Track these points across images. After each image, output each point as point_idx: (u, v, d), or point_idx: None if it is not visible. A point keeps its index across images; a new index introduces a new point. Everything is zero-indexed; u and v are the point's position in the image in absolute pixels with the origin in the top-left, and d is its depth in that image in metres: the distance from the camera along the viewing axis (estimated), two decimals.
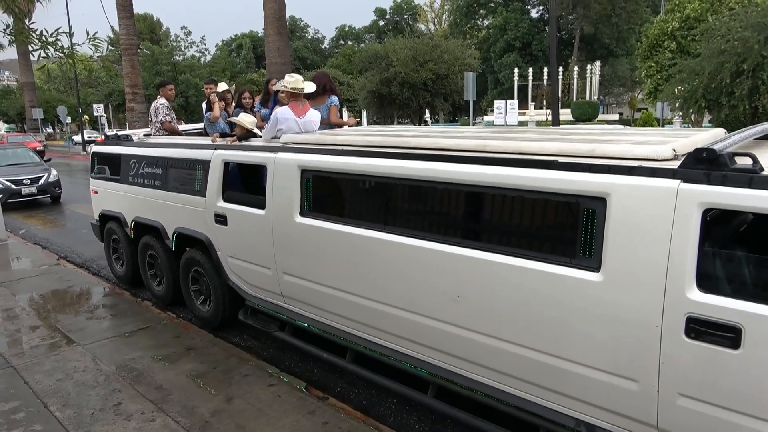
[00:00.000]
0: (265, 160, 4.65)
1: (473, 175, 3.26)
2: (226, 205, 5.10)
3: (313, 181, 4.28)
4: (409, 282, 3.61)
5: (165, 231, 6.01)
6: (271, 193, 4.57)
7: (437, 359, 3.63)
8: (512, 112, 25.77)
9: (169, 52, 42.95)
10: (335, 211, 4.19)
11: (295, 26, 65.62)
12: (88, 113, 44.64)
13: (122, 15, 18.72)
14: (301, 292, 4.53)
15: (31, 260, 8.75)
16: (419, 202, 3.66)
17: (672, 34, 27.38)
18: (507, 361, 3.23)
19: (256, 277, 4.95)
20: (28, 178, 14.37)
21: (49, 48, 4.59)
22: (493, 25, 52.00)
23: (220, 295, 5.51)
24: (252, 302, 5.16)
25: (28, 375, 4.70)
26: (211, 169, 5.23)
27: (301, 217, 4.33)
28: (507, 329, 3.18)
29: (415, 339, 3.71)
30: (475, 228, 3.40)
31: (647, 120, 28.33)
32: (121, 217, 6.81)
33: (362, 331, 4.11)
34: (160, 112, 7.08)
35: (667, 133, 3.73)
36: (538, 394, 3.16)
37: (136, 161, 6.39)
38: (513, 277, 3.09)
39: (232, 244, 5.12)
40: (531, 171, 3.02)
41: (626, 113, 50.49)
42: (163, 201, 5.94)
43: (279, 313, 4.88)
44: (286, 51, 18.20)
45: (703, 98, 15.63)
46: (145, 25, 59.45)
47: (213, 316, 5.70)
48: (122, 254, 7.28)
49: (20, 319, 6.11)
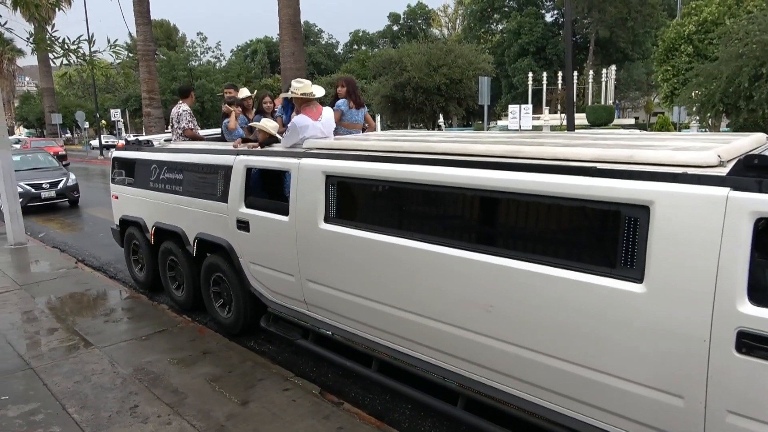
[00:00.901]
0: (289, 165, 4.60)
1: (506, 181, 3.16)
2: (248, 211, 5.04)
3: (338, 187, 4.20)
4: (438, 291, 3.53)
5: (186, 236, 5.97)
6: (294, 200, 4.50)
7: (467, 370, 3.54)
8: (526, 117, 25.69)
9: (185, 57, 43.36)
10: (361, 217, 4.11)
11: (309, 31, 66.03)
12: (106, 118, 45.27)
13: (140, 22, 18.98)
14: (325, 300, 4.46)
15: (49, 263, 8.87)
16: (449, 209, 3.58)
17: (689, 38, 27.11)
18: (542, 374, 3.13)
19: (279, 284, 4.90)
20: (47, 182, 14.59)
21: (70, 55, 4.66)
22: (507, 30, 51.92)
23: (242, 302, 5.45)
24: (274, 309, 5.09)
25: (47, 377, 4.76)
26: (233, 175, 5.17)
27: (325, 223, 4.26)
28: (543, 341, 3.07)
29: (444, 349, 3.62)
30: (509, 236, 3.29)
31: (663, 124, 28.05)
32: (142, 222, 6.80)
33: (388, 340, 4.03)
34: (183, 118, 7.04)
35: (705, 138, 3.62)
36: (576, 408, 3.05)
37: (157, 166, 6.38)
38: (549, 287, 2.99)
39: (255, 251, 5.06)
40: (568, 178, 2.92)
41: (642, 117, 50.06)
42: (184, 206, 5.92)
43: (302, 320, 4.81)
44: (300, 56, 18.30)
45: (721, 102, 15.46)
46: (161, 31, 60.22)
47: (234, 323, 5.63)
48: (142, 259, 7.25)
49: (39, 321, 6.19)
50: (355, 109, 6.02)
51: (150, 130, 22.82)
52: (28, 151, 19.17)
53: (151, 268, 7.00)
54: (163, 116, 28.09)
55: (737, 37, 15.55)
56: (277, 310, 5.06)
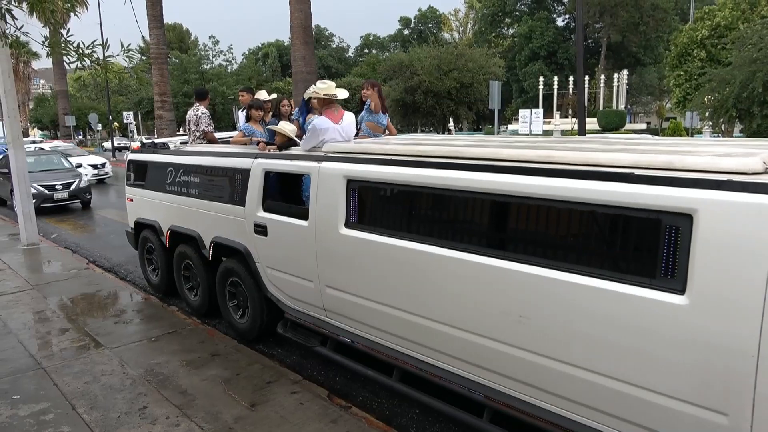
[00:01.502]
0: (309, 169, 4.51)
1: (538, 187, 3.05)
2: (266, 215, 4.95)
3: (360, 192, 4.10)
4: (466, 300, 3.41)
5: (202, 240, 5.89)
6: (314, 204, 4.41)
7: (495, 382, 3.41)
8: (537, 121, 25.62)
9: (197, 61, 43.80)
10: (384, 223, 3.97)
11: (320, 35, 66.31)
12: (118, 120, 45.71)
13: (153, 25, 19.15)
14: (345, 307, 4.35)
15: (61, 264, 8.96)
16: (478, 215, 3.44)
17: (701, 43, 26.92)
18: (576, 388, 2.99)
19: (297, 289, 4.80)
20: (60, 183, 14.75)
21: (85, 59, 4.71)
22: (518, 34, 51.85)
23: (258, 307, 5.37)
24: (292, 315, 4.99)
25: (58, 377, 4.80)
26: (251, 179, 5.09)
27: (346, 228, 4.15)
28: (577, 353, 2.94)
29: (471, 360, 3.50)
30: (542, 244, 3.15)
31: (676, 129, 27.83)
32: (157, 225, 6.73)
33: (411, 349, 3.91)
34: (203, 121, 6.93)
35: (745, 143, 3.51)
36: (611, 424, 2.92)
37: (173, 169, 6.32)
38: (584, 297, 2.86)
39: (272, 255, 4.99)
40: (604, 184, 2.80)
41: (654, 122, 49.71)
42: (201, 210, 5.84)
43: (320, 327, 4.70)
44: (311, 60, 18.38)
45: (734, 108, 15.31)
46: (174, 34, 60.73)
47: (250, 328, 5.55)
48: (157, 263, 7.20)
49: (51, 321, 6.25)
50: (380, 112, 5.85)
51: (162, 132, 23.01)
52: (41, 152, 19.38)
53: (166, 271, 6.95)
54: (175, 119, 28.32)
55: (751, 42, 15.40)
56: (295, 316, 4.95)
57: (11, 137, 10.05)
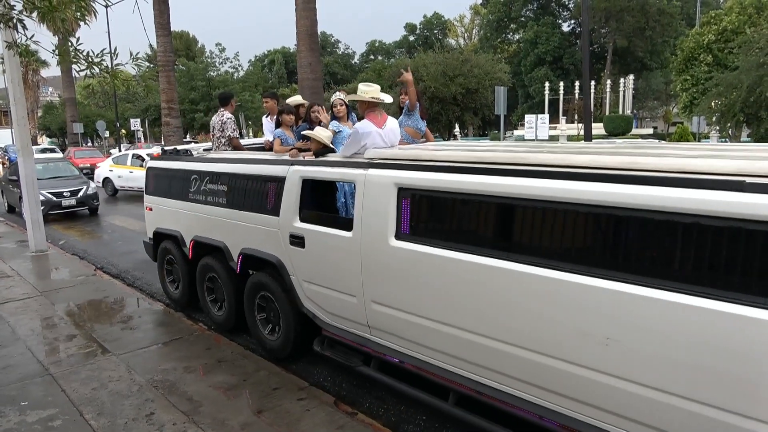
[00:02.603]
0: (354, 177, 4.24)
1: (628, 197, 2.79)
2: (303, 226, 4.67)
3: (413, 201, 3.81)
4: (540, 319, 3.12)
5: (229, 252, 5.57)
6: (360, 214, 4.13)
7: (573, 410, 3.12)
8: (543, 126, 25.59)
9: (204, 68, 43.98)
10: (442, 235, 3.68)
11: (326, 42, 66.67)
12: (125, 127, 45.99)
13: (160, 33, 19.30)
14: (393, 324, 4.04)
15: (69, 270, 9.01)
16: (554, 227, 3.14)
17: (708, 47, 26.87)
18: (676, 420, 2.70)
19: (338, 305, 4.51)
20: (68, 190, 14.85)
21: (94, 68, 4.75)
22: (524, 39, 51.92)
23: (292, 323, 5.04)
24: (330, 332, 4.67)
25: (65, 383, 4.82)
26: (287, 187, 4.81)
27: (397, 240, 3.87)
28: (676, 381, 2.66)
29: (544, 385, 3.21)
30: (635, 259, 2.84)
31: (683, 134, 27.73)
32: (179, 235, 6.41)
33: (470, 371, 3.61)
34: (228, 126, 6.56)
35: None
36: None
37: (198, 177, 6.01)
38: (686, 318, 2.60)
39: (310, 269, 4.69)
40: (710, 193, 2.55)
41: (661, 127, 49.56)
42: (228, 220, 5.54)
43: (363, 345, 4.39)
44: (317, 66, 18.45)
45: (742, 112, 15.27)
46: (181, 42, 61.21)
47: (282, 346, 5.20)
48: (178, 276, 6.84)
49: (58, 327, 6.28)
50: (419, 117, 5.60)
51: (168, 139, 23.12)
52: (49, 159, 19.54)
53: (188, 284, 6.60)
54: (182, 125, 28.49)
55: (758, 46, 15.38)
56: (334, 333, 4.65)
57: (20, 145, 10.14)
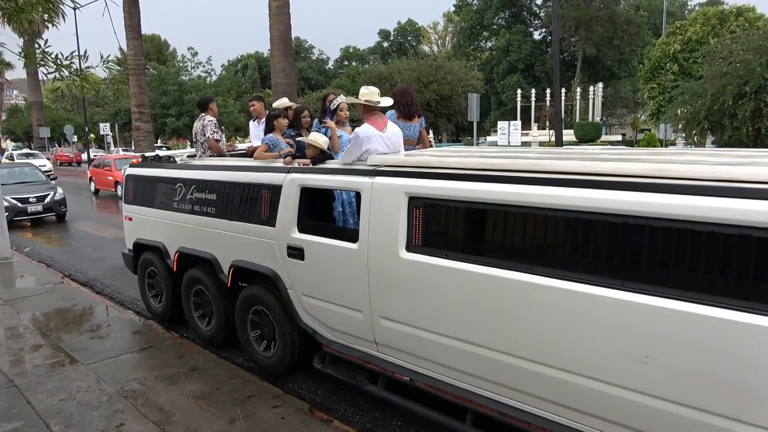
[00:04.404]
0: (359, 185, 4.02)
1: (663, 206, 2.66)
2: (302, 237, 4.44)
3: (426, 211, 3.62)
4: (570, 336, 2.96)
5: (219, 264, 5.30)
6: (366, 224, 3.92)
7: (605, 431, 2.97)
8: (515, 133, 25.94)
9: (176, 72, 43.45)
10: (458, 246, 3.48)
11: (300, 47, 66.47)
12: (95, 132, 45.11)
13: (130, 36, 19.02)
14: (403, 341, 3.83)
15: (35, 278, 8.76)
16: (584, 238, 2.97)
17: (674, 57, 27.65)
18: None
19: (341, 320, 4.27)
20: (34, 196, 14.46)
21: (63, 70, 4.65)
22: (496, 47, 52.63)
23: (289, 339, 4.79)
24: (332, 349, 4.43)
25: (31, 395, 4.68)
26: (284, 196, 4.57)
27: (408, 252, 3.67)
28: (724, 402, 2.51)
29: (575, 405, 3.05)
30: (675, 273, 2.68)
31: (650, 141, 28.43)
32: (162, 247, 6.09)
33: (492, 390, 3.41)
34: (208, 129, 6.26)
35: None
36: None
37: (184, 185, 5.71)
38: (736, 335, 2.46)
39: (310, 282, 4.45)
40: (754, 203, 2.44)
41: (629, 134, 50.70)
42: (218, 230, 5.25)
43: (369, 363, 4.15)
44: (291, 72, 18.41)
45: (706, 120, 15.73)
46: (152, 45, 60.35)
47: (278, 363, 4.96)
48: (160, 289, 6.48)
49: (24, 337, 6.10)
50: (404, 121, 5.27)
51: (139, 144, 22.75)
52: (14, 164, 19.03)
53: (172, 298, 6.28)
54: (153, 130, 28.06)
55: (721, 56, 15.87)
56: (337, 350, 4.40)
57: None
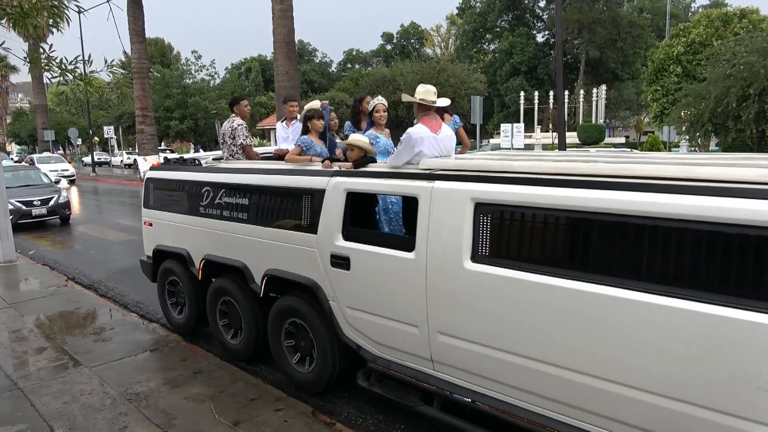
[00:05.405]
0: (417, 190, 3.75)
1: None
2: (348, 245, 4.18)
3: (495, 218, 3.37)
4: (677, 360, 2.71)
5: (250, 273, 5.04)
6: (425, 232, 3.66)
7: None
8: (518, 135, 25.93)
9: (180, 75, 43.61)
10: (534, 257, 3.22)
11: (303, 50, 66.63)
12: (99, 135, 45.25)
13: (135, 40, 19.09)
14: (465, 359, 3.59)
15: (39, 281, 8.79)
16: (691, 250, 2.70)
17: (677, 59, 27.60)
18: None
19: (392, 335, 4.00)
20: (38, 199, 14.52)
21: (67, 75, 4.68)
22: (499, 50, 52.64)
23: (329, 354, 4.52)
24: (379, 365, 4.15)
25: (35, 397, 4.69)
26: (327, 201, 4.32)
27: (474, 263, 3.43)
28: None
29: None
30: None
31: (654, 143, 28.37)
32: (186, 254, 5.80)
33: (575, 417, 3.16)
34: (239, 134, 5.99)
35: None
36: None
37: (212, 189, 5.45)
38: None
39: (356, 293, 4.19)
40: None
41: (632, 136, 50.60)
42: (251, 237, 5.00)
43: (423, 381, 3.88)
44: (294, 74, 18.43)
45: (710, 122, 15.70)
46: (156, 49, 60.55)
47: (317, 379, 4.67)
48: (182, 299, 6.18)
49: (28, 340, 6.12)
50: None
51: (143, 147, 22.83)
52: (19, 167, 19.11)
53: (195, 308, 5.95)
54: (156, 133, 28.14)
55: (725, 59, 15.85)
56: (384, 366, 4.13)
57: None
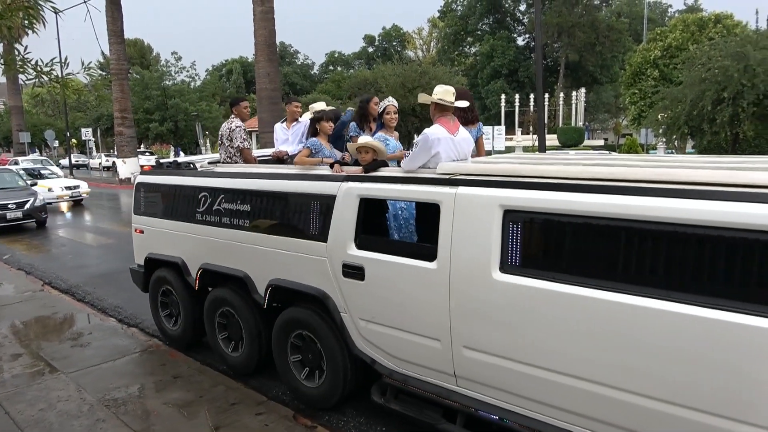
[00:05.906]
0: (439, 196, 3.57)
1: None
2: (362, 254, 3.97)
3: (525, 226, 3.20)
4: (729, 377, 2.56)
5: (252, 283, 4.81)
6: (448, 241, 3.48)
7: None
8: (499, 138, 26.18)
9: (159, 77, 43.11)
10: (570, 267, 3.05)
11: (285, 52, 66.42)
12: (76, 137, 44.56)
13: (113, 41, 18.85)
14: (493, 375, 3.40)
15: (14, 286, 8.62)
16: (759, 261, 2.53)
17: (654, 63, 28.11)
18: None
19: (411, 349, 3.79)
20: (13, 202, 14.23)
21: (43, 77, 4.60)
22: (480, 53, 53.12)
23: (341, 368, 4.27)
24: (396, 380, 3.94)
25: (9, 405, 4.59)
26: (339, 207, 4.11)
27: (503, 273, 3.26)
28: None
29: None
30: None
31: (632, 146, 28.80)
32: (181, 262, 5.56)
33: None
34: (237, 136, 5.80)
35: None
36: None
37: (209, 194, 5.21)
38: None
39: (371, 305, 3.98)
40: None
41: (611, 139, 51.35)
42: (253, 245, 4.77)
43: (445, 398, 3.69)
44: (276, 76, 18.37)
45: (686, 125, 15.99)
46: (135, 50, 59.84)
47: (328, 394, 4.42)
48: (177, 309, 5.92)
49: (2, 347, 5.99)
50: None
51: (122, 149, 22.53)
52: None
53: (191, 320, 5.72)
54: (136, 135, 27.79)
55: (700, 63, 16.16)
56: (402, 381, 3.91)
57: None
